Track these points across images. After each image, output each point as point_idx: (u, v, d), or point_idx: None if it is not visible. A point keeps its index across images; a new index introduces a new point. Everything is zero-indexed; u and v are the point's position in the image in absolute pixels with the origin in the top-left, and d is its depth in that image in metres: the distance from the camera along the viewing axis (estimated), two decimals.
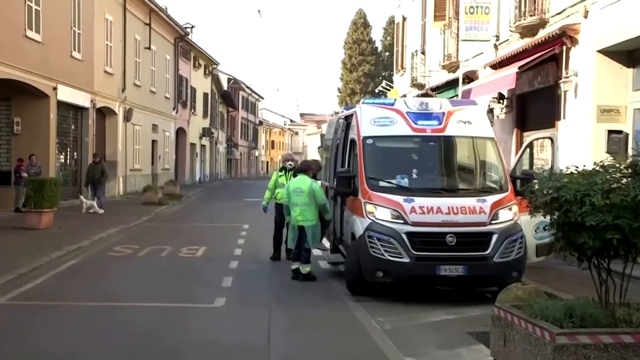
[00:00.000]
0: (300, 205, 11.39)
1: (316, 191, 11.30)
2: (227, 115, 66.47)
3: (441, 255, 9.43)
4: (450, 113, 10.78)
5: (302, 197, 11.38)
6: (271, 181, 13.45)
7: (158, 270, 12.28)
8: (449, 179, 10.67)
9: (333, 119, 15.99)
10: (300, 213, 11.38)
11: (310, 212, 11.34)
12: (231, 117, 69.24)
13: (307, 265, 11.40)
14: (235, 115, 71.33)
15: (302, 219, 11.38)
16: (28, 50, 20.46)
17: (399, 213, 9.60)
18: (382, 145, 10.83)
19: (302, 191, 11.39)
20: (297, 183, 11.61)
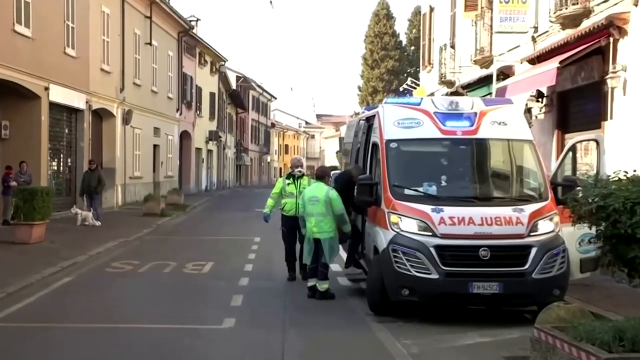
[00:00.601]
0: (316, 216, 11.43)
1: (333, 200, 11.32)
2: (236, 117, 66.79)
3: (474, 271, 9.40)
4: (483, 113, 10.77)
5: (318, 207, 11.42)
6: (275, 188, 13.28)
7: (161, 288, 12.34)
8: (482, 186, 10.65)
9: (353, 120, 16.02)
10: (316, 224, 11.42)
11: (327, 223, 11.37)
12: (240, 119, 69.57)
13: (324, 282, 11.41)
14: (245, 117, 71.65)
15: (318, 230, 11.41)
16: (17, 47, 20.68)
17: (427, 224, 9.59)
18: (408, 150, 10.83)
19: (318, 200, 11.43)
20: (313, 191, 11.64)
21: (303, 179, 13.01)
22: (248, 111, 71.89)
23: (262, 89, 78.66)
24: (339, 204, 11.35)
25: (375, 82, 69.61)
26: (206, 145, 50.03)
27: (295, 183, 12.98)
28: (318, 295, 11.33)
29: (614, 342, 5.58)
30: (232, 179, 64.59)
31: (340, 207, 11.34)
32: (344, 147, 15.86)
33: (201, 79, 47.23)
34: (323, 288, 11.37)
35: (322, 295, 11.32)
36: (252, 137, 77.42)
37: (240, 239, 20.11)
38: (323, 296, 11.30)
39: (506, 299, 9.59)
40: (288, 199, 12.94)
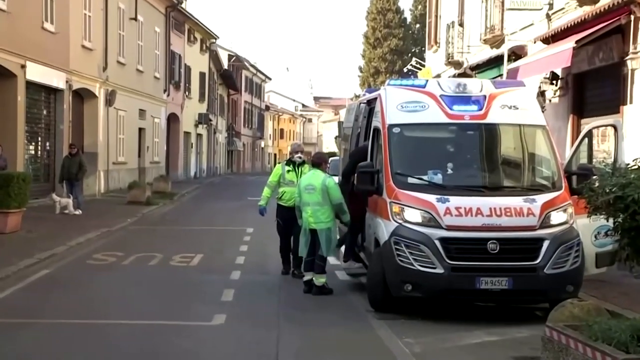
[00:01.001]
0: (312, 205, 11.47)
1: (330, 188, 11.34)
2: (228, 98, 66.69)
3: (481, 265, 9.42)
4: (493, 96, 10.77)
5: (314, 196, 11.46)
6: (273, 176, 12.98)
7: (146, 282, 12.35)
8: (491, 174, 10.66)
9: (353, 103, 16.01)
10: (313, 214, 11.45)
11: (323, 212, 11.40)
12: (233, 101, 69.48)
13: (321, 276, 11.44)
14: (237, 99, 71.56)
15: (315, 220, 11.44)
16: None
17: (431, 215, 9.60)
18: (412, 135, 10.83)
19: (314, 188, 11.47)
20: (309, 179, 11.68)
21: (304, 167, 12.78)
22: (241, 93, 71.79)
23: (255, 69, 78.52)
24: (337, 192, 11.37)
25: (378, 62, 69.50)
26: (195, 129, 49.99)
27: (296, 170, 12.79)
28: (315, 290, 11.35)
29: (631, 342, 5.59)
30: (223, 166, 64.59)
31: (338, 196, 11.36)
32: (343, 132, 15.85)
33: (190, 57, 47.15)
34: (320, 282, 11.40)
35: (319, 290, 11.34)
36: (245, 121, 77.35)
37: (232, 229, 20.12)
38: (320, 291, 11.33)
39: (516, 296, 9.62)
40: (287, 188, 12.73)
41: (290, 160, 13.01)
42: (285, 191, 12.76)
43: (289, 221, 12.62)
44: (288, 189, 12.72)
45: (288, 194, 12.69)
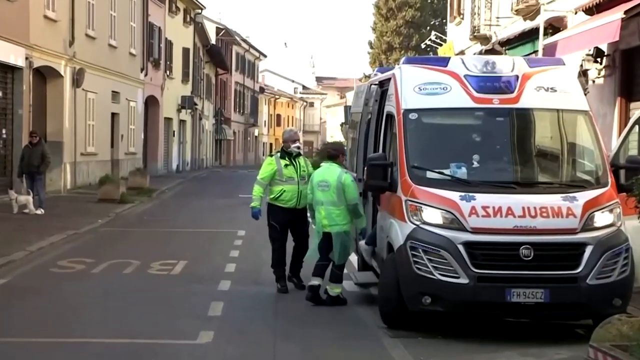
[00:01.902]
0: (325, 205, 11.55)
1: (346, 186, 11.38)
2: (216, 79, 66.70)
3: (513, 274, 9.43)
4: (527, 77, 10.76)
5: (328, 194, 11.52)
6: (265, 171, 12.62)
7: (120, 294, 12.36)
8: (524, 168, 10.67)
9: (362, 85, 15.99)
10: (327, 215, 11.54)
11: (339, 214, 11.47)
12: (221, 82, 69.48)
13: (336, 286, 11.56)
14: (226, 80, 71.55)
15: (329, 222, 11.53)
16: None
17: (454, 215, 9.61)
18: (431, 122, 10.84)
19: (329, 185, 11.53)
20: (322, 174, 11.73)
21: (299, 159, 12.67)
22: (230, 72, 71.79)
23: (248, 45, 78.51)
24: (354, 191, 11.38)
25: (391, 36, 69.39)
26: (178, 114, 49.99)
27: (294, 164, 12.56)
28: (328, 300, 11.49)
29: None
30: (210, 157, 64.61)
31: (354, 196, 11.38)
32: (350, 118, 15.84)
33: (172, 31, 47.15)
34: (335, 292, 11.51)
35: (333, 300, 11.47)
36: (236, 105, 77.36)
37: (221, 231, 20.14)
38: (334, 301, 11.45)
39: (553, 310, 9.62)
40: (287, 186, 12.46)
41: (285, 152, 12.68)
42: (285, 190, 12.44)
43: (286, 225, 12.54)
44: (288, 187, 12.45)
45: (289, 193, 12.43)
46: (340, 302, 11.50)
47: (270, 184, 12.56)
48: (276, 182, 12.53)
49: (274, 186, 12.56)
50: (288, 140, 12.80)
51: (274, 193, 12.56)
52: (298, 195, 12.41)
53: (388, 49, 69.18)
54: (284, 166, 12.52)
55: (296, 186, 12.39)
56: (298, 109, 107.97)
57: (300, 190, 12.40)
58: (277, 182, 12.53)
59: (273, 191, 12.57)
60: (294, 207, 12.43)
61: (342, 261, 11.63)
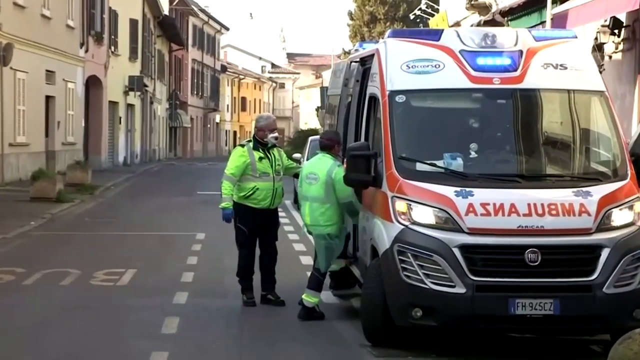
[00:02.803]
0: (310, 201, 11.64)
1: (337, 182, 11.34)
2: (170, 56, 66.47)
3: (517, 282, 9.45)
4: (533, 52, 10.78)
5: (314, 188, 11.59)
6: (234, 164, 12.34)
7: (57, 308, 12.30)
8: (530, 158, 10.70)
9: (341, 63, 15.98)
10: (310, 212, 11.62)
11: (324, 213, 11.50)
12: (176, 60, 69.27)
13: (314, 295, 11.63)
14: (182, 57, 71.34)
15: (310, 221, 11.63)
16: None
17: (449, 214, 9.62)
18: (421, 105, 10.87)
19: (317, 178, 11.58)
20: (312, 166, 11.85)
21: (274, 151, 12.51)
22: (187, 48, 71.61)
23: (207, 16, 78.31)
24: (346, 188, 11.22)
25: (374, 6, 69.51)
26: (125, 97, 49.80)
27: (269, 156, 12.39)
28: (301, 313, 11.53)
29: None
30: (163, 148, 64.45)
31: (346, 194, 11.29)
32: (327, 101, 15.81)
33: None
34: (310, 303, 11.57)
35: (306, 312, 11.53)
36: (194, 87, 77.19)
37: (177, 235, 20.18)
38: (308, 314, 11.51)
39: (564, 324, 9.64)
40: (260, 183, 12.27)
41: (259, 142, 12.46)
42: (258, 188, 12.27)
43: (257, 230, 12.45)
44: (262, 184, 12.28)
45: (262, 191, 12.29)
46: (316, 315, 11.54)
47: (240, 180, 12.33)
48: (248, 177, 12.31)
49: (244, 183, 12.32)
50: (265, 129, 12.50)
51: (244, 191, 12.34)
52: (273, 193, 12.34)
53: (371, 21, 69.28)
54: (257, 159, 12.31)
55: (271, 183, 12.30)
56: (266, 90, 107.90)
57: (276, 188, 12.36)
58: (248, 178, 12.31)
59: (243, 189, 12.34)
60: (267, 207, 12.36)
61: (324, 267, 11.67)
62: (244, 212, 12.39)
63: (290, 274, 13.27)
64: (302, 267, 14.95)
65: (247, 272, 12.59)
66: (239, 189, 12.36)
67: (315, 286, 11.62)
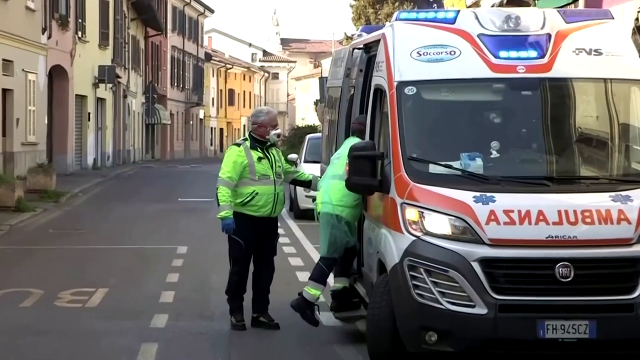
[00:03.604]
0: (328, 178, 11.88)
1: None
2: (146, 42, 66.44)
3: (547, 301, 9.46)
4: (563, 35, 10.79)
5: (335, 165, 11.87)
6: (231, 166, 12.27)
7: (17, 334, 12.27)
8: (560, 158, 10.68)
9: (343, 50, 15.98)
10: (325, 190, 11.80)
11: (340, 189, 11.48)
12: (153, 47, 69.25)
13: (313, 286, 11.75)
14: (160, 44, 71.31)
15: (324, 198, 11.75)
16: None
17: (467, 223, 9.62)
18: (435, 98, 10.91)
19: (340, 156, 11.85)
20: (341, 149, 12.07)
21: (272, 150, 12.53)
22: (165, 33, 71.58)
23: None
24: None
25: None
26: (94, 90, 49.76)
27: (268, 157, 12.41)
28: (294, 301, 11.76)
29: None
30: (139, 149, 64.45)
31: None
32: (327, 94, 15.81)
33: None
34: (310, 295, 11.71)
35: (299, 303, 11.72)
36: (174, 78, 77.19)
37: (155, 248, 20.18)
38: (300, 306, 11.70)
39: (602, 349, 9.63)
40: (260, 187, 12.23)
41: (257, 140, 12.48)
42: (258, 192, 12.25)
43: (257, 241, 12.44)
44: (262, 188, 12.27)
45: (263, 197, 12.27)
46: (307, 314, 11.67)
47: (236, 184, 12.32)
48: (245, 181, 12.30)
49: (241, 187, 12.31)
50: (267, 125, 12.52)
51: (241, 197, 12.31)
52: (274, 199, 12.35)
53: (377, 1, 69.32)
54: (256, 160, 12.31)
55: (272, 187, 12.30)
56: (257, 82, 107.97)
57: (277, 192, 12.36)
58: (246, 181, 12.30)
59: (240, 194, 12.32)
60: (267, 215, 12.37)
61: (328, 254, 11.74)
62: (241, 221, 12.33)
63: (285, 294, 13.22)
64: (299, 286, 14.88)
65: (238, 291, 12.58)
66: (235, 195, 12.34)
67: (318, 276, 11.71)
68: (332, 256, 11.77)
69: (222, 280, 13.55)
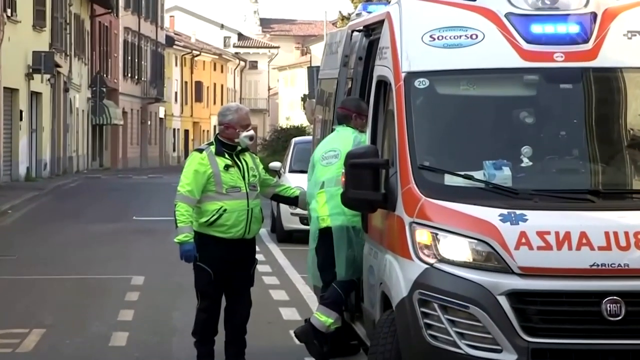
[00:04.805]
0: (327, 185, 11.89)
1: None
2: (93, 23, 66.50)
3: (591, 345, 9.44)
4: (612, 14, 10.79)
5: (333, 168, 11.85)
6: (191, 177, 12.25)
7: None
8: (608, 167, 10.67)
9: (338, 33, 16.00)
10: (328, 199, 11.82)
11: None
12: (102, 29, 69.33)
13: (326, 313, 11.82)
14: (110, 25, 71.39)
15: (330, 211, 11.76)
16: None
17: (492, 248, 9.62)
18: (452, 93, 10.95)
19: (337, 155, 11.85)
20: (329, 142, 12.16)
21: (245, 156, 12.51)
22: (116, 12, 71.70)
23: None
24: None
25: None
26: (27, 82, 49.80)
27: (239, 164, 12.38)
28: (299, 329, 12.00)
29: None
30: (85, 155, 64.49)
31: None
32: (319, 87, 15.85)
33: None
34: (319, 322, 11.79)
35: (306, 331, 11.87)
36: (127, 67, 77.29)
37: (104, 279, 20.27)
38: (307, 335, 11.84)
39: None
40: (229, 202, 12.19)
41: (224, 144, 12.47)
42: (226, 209, 12.22)
43: (228, 269, 12.42)
44: (231, 203, 12.23)
45: (233, 214, 12.24)
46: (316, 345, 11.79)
47: (200, 199, 12.30)
48: (210, 196, 12.29)
49: (206, 203, 12.30)
50: (236, 125, 12.46)
51: (206, 215, 12.29)
52: (248, 216, 12.29)
53: None
54: (223, 168, 12.29)
55: (244, 201, 12.24)
56: (231, 72, 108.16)
57: (251, 207, 12.32)
58: (211, 196, 12.29)
59: (205, 212, 12.30)
60: (240, 237, 12.30)
61: (347, 276, 11.84)
62: (208, 245, 12.32)
63: (266, 335, 13.27)
64: (283, 324, 14.95)
65: (207, 332, 12.58)
66: (199, 213, 12.31)
67: (331, 301, 11.79)
68: (352, 278, 11.85)
69: (187, 319, 13.57)
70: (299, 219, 24.34)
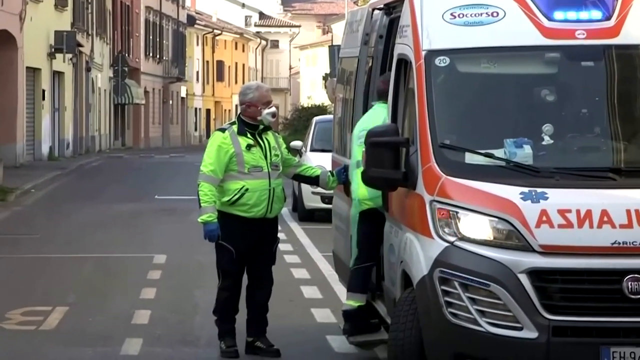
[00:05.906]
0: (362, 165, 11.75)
1: None
2: (114, 3, 66.47)
3: (612, 323, 9.43)
4: None
5: None
6: (214, 156, 12.36)
7: None
8: (630, 145, 10.63)
9: (359, 11, 15.96)
10: None
11: None
12: (123, 9, 69.34)
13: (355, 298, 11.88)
14: (132, 4, 71.38)
15: (370, 193, 11.68)
16: None
17: (513, 226, 9.61)
18: (472, 71, 10.91)
19: None
20: (366, 121, 12.01)
21: (268, 135, 12.55)
22: None
23: None
24: None
25: None
26: (50, 62, 49.79)
27: (261, 143, 12.44)
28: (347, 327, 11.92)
29: None
30: (107, 135, 64.51)
31: None
32: (340, 66, 15.83)
33: None
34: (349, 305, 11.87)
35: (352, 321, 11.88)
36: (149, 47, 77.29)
37: (126, 257, 20.30)
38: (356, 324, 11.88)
39: None
40: (251, 181, 12.25)
41: (247, 124, 12.54)
42: (248, 188, 12.28)
43: (251, 248, 12.46)
44: (253, 183, 12.29)
45: (255, 193, 12.29)
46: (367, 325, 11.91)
47: (222, 179, 12.36)
48: (232, 175, 12.35)
49: (228, 182, 12.36)
50: (257, 103, 12.51)
51: (228, 194, 12.35)
52: (270, 196, 12.33)
53: None
54: (245, 148, 12.33)
55: (266, 181, 12.28)
56: (253, 51, 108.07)
57: (273, 187, 12.34)
58: (234, 175, 12.34)
59: (227, 191, 12.36)
60: (262, 216, 12.33)
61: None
62: (230, 224, 12.36)
63: (287, 313, 13.28)
64: (304, 303, 14.95)
65: (228, 310, 12.61)
66: (221, 192, 12.36)
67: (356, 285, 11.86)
68: None
69: (209, 298, 13.58)
70: (320, 198, 24.39)
